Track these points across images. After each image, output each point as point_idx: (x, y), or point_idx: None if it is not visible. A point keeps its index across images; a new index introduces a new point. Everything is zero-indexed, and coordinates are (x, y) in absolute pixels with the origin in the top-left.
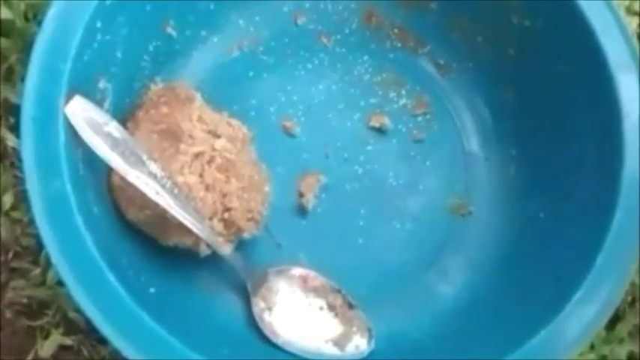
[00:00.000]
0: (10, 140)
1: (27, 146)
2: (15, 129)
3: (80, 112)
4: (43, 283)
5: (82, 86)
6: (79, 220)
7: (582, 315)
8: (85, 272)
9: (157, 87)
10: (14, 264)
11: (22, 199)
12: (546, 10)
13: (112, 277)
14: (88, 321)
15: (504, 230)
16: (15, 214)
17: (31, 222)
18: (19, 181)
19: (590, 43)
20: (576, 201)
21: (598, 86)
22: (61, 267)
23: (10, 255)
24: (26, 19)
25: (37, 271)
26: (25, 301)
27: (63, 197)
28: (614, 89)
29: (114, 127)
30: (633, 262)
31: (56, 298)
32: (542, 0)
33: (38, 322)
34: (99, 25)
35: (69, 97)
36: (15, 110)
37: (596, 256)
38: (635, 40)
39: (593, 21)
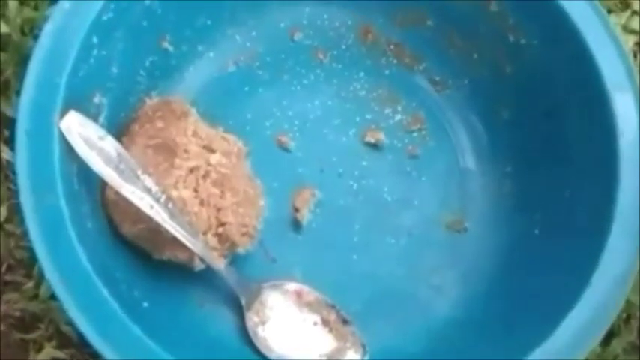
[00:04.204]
0: (5, 153)
1: (21, 160)
2: (10, 142)
3: (75, 126)
4: (36, 297)
5: (78, 101)
6: (73, 235)
7: (577, 333)
8: (78, 286)
9: (152, 101)
10: (8, 277)
11: (16, 212)
12: (542, 29)
13: (105, 292)
14: (81, 335)
15: (499, 246)
16: (9, 227)
17: (25, 235)
18: (14, 194)
19: (586, 62)
20: (572, 219)
21: (594, 104)
22: (54, 281)
23: (4, 268)
24: (23, 33)
25: (31, 284)
26: (18, 314)
27: (57, 211)
28: (609, 108)
29: (109, 142)
30: (628, 282)
31: (49, 312)
32: (538, 19)
33: (31, 335)
34: (95, 40)
35: (64, 112)
36: (10, 123)
37: (591, 275)
38: (630, 59)
39: (589, 40)
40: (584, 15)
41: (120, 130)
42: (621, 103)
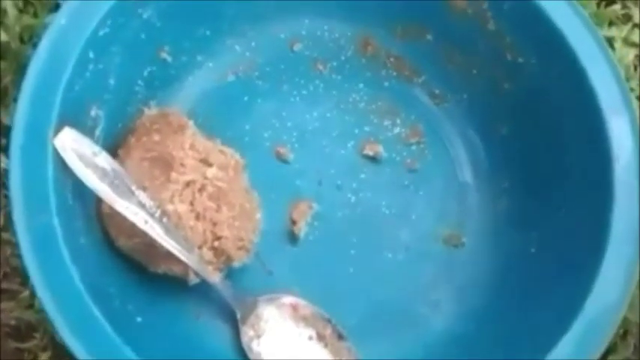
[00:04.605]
0: (2, 161)
1: (14, 176)
2: (6, 150)
3: (69, 143)
4: (31, 306)
5: (73, 115)
6: (65, 253)
7: (571, 353)
8: (69, 306)
9: (150, 113)
10: (3, 285)
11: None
12: (539, 49)
13: (97, 312)
14: None
15: (496, 263)
16: (5, 235)
17: None
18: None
19: (583, 85)
20: (566, 240)
21: (589, 127)
22: (46, 300)
23: (0, 276)
24: (22, 41)
25: (27, 293)
26: (13, 322)
27: (49, 229)
28: (605, 131)
29: (103, 158)
30: (623, 306)
31: (44, 321)
32: (534, 39)
33: (26, 345)
34: (92, 55)
35: (59, 127)
36: (8, 131)
37: (585, 298)
38: (626, 82)
39: (585, 63)
40: (581, 37)
41: (117, 141)
42: (616, 127)
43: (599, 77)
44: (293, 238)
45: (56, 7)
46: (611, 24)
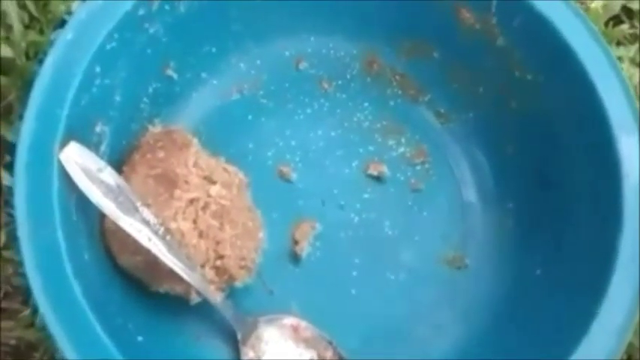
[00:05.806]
0: (5, 179)
1: (20, 192)
2: (10, 167)
3: (75, 158)
4: (32, 325)
5: (79, 131)
6: (69, 269)
7: None
8: (72, 322)
9: (154, 130)
10: (4, 304)
11: (14, 238)
12: (548, 66)
13: (99, 328)
14: None
15: (500, 285)
16: (7, 254)
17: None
18: (13, 219)
19: (592, 102)
20: (573, 262)
21: (599, 145)
22: (48, 316)
23: (1, 295)
24: (27, 57)
25: (27, 312)
26: (13, 342)
27: (53, 245)
28: (614, 149)
29: (108, 174)
30: (629, 330)
31: (45, 341)
32: (545, 55)
33: None
34: (98, 69)
35: (64, 143)
36: (11, 148)
37: (590, 323)
38: (637, 102)
39: (595, 80)
40: (591, 53)
41: (122, 158)
42: (626, 145)
43: (609, 94)
44: (295, 258)
45: (62, 23)
46: (618, 44)
